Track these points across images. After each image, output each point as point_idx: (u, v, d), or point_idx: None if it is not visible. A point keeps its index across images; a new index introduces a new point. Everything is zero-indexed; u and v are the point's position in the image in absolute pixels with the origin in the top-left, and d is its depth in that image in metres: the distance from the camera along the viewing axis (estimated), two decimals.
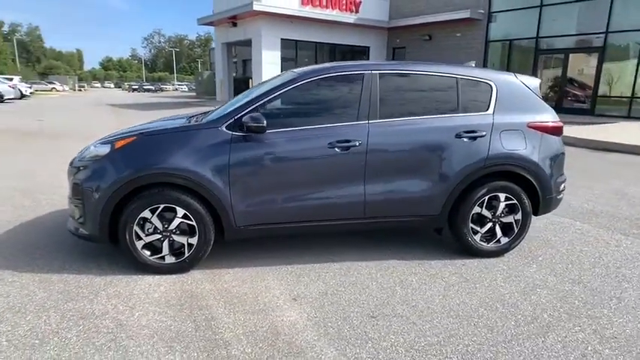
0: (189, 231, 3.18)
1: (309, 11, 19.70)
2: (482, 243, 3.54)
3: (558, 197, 3.69)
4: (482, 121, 3.41)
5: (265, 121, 3.03)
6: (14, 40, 70.31)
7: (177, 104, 24.76)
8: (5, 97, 23.15)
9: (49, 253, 3.55)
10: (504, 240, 3.57)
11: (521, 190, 3.48)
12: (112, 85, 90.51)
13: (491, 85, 3.51)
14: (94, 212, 3.08)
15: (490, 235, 3.55)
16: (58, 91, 48.60)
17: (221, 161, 3.10)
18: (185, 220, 3.15)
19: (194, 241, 3.18)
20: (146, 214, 3.09)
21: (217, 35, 23.64)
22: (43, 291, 2.93)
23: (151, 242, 3.16)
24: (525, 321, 2.65)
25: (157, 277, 3.17)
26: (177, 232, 3.17)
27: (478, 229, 3.51)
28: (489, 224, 3.52)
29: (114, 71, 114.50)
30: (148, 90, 61.43)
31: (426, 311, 2.76)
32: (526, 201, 3.50)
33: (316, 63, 20.80)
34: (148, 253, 3.17)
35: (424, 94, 3.48)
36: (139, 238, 3.13)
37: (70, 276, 3.16)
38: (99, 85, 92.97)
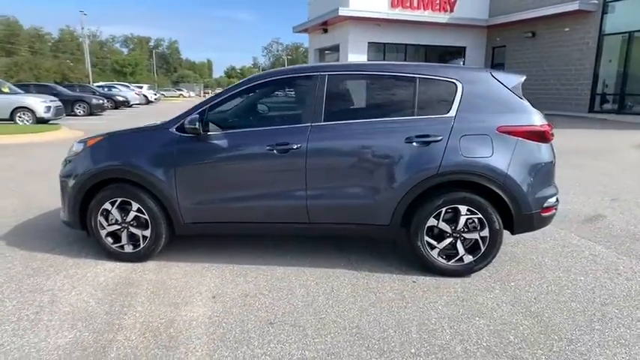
0: (144, 224, 3.44)
1: (399, 13, 19.29)
2: (441, 260, 3.19)
3: (543, 215, 3.15)
4: (439, 125, 3.08)
5: (197, 124, 3.14)
6: (153, 53, 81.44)
7: None
8: (132, 103, 26.98)
9: (53, 235, 4.12)
10: (468, 258, 3.16)
11: (487, 204, 3.06)
12: None
13: (455, 85, 3.14)
14: (69, 201, 3.51)
15: (452, 252, 3.18)
16: (184, 97, 54.99)
17: (169, 160, 3.29)
18: (139, 214, 3.41)
19: (147, 233, 3.43)
20: (107, 206, 3.43)
21: (311, 42, 24.48)
22: (21, 266, 3.44)
23: (113, 232, 3.48)
24: (429, 350, 2.35)
25: (117, 263, 3.49)
26: (134, 224, 3.45)
27: (435, 243, 3.17)
28: (449, 239, 3.15)
29: (235, 79, 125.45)
30: None
31: (329, 325, 2.60)
32: (494, 216, 3.06)
33: None
34: (110, 240, 3.50)
35: (378, 95, 3.27)
36: (103, 227, 3.48)
37: (52, 256, 3.64)
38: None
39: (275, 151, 3.17)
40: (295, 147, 3.15)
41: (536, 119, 3.11)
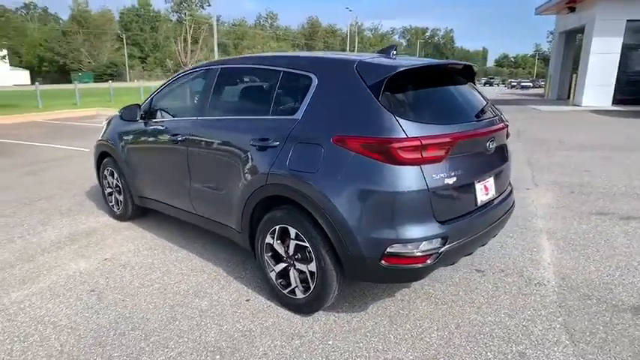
0: (121, 190, 4.23)
1: None
2: (278, 285, 2.71)
3: (385, 264, 2.22)
4: (282, 128, 2.57)
5: (124, 112, 3.68)
6: (418, 43, 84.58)
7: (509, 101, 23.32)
8: None
9: (88, 197, 5.22)
10: (300, 293, 2.58)
11: (315, 232, 2.40)
12: (498, 82, 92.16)
13: (311, 80, 2.52)
14: (95, 165, 4.65)
15: (287, 281, 2.66)
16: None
17: (124, 141, 3.95)
18: (117, 182, 4.22)
19: (122, 199, 4.22)
20: (105, 172, 4.39)
21: (557, 24, 20.47)
22: (66, 206, 4.79)
23: (109, 192, 4.43)
24: None
25: (109, 219, 4.41)
26: (118, 189, 4.28)
27: (273, 265, 2.72)
28: (284, 264, 2.65)
29: (505, 68, 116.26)
30: (525, 87, 59.01)
31: (116, 308, 2.74)
32: (321, 250, 2.39)
33: None
34: (110, 198, 4.46)
35: (251, 91, 2.97)
36: (105, 189, 4.47)
37: (90, 204, 4.88)
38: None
39: (171, 142, 3.36)
40: (180, 139, 3.25)
41: (392, 130, 2.18)
